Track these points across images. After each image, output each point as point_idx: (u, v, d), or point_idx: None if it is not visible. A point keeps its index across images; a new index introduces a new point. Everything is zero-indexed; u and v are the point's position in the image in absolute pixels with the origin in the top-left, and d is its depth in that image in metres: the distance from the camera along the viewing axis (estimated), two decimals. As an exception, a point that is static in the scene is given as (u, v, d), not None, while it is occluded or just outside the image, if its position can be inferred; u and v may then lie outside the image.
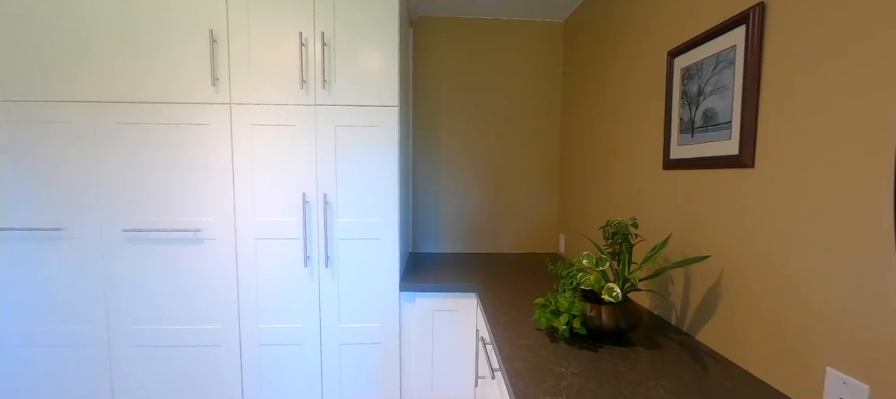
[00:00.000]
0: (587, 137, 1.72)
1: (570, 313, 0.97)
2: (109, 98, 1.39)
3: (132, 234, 1.44)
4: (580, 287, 1.03)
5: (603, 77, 1.57)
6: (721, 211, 0.93)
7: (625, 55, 1.40)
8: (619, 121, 1.43)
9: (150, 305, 1.48)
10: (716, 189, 0.95)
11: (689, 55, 1.04)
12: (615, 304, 0.98)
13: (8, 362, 1.48)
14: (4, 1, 1.36)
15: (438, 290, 1.52)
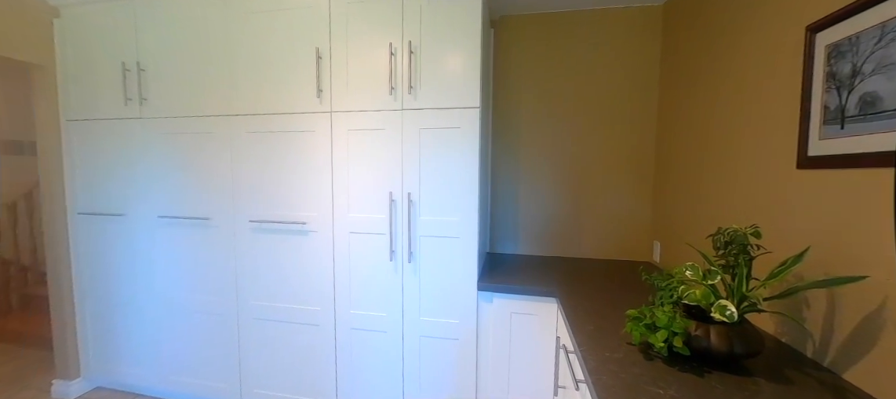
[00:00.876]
0: (692, 133, 1.52)
1: (671, 329, 0.87)
2: (242, 111, 1.69)
3: (256, 224, 1.71)
4: (682, 301, 0.92)
5: (714, 63, 1.37)
6: (885, 221, 0.74)
7: (744, 36, 1.20)
8: (735, 112, 1.23)
9: (267, 285, 1.74)
10: (878, 193, 0.76)
11: (837, 28, 0.85)
12: (729, 324, 0.85)
13: (172, 322, 1.89)
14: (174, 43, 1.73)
15: (517, 292, 1.50)
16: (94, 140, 1.89)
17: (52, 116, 1.89)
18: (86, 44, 1.85)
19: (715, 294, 0.89)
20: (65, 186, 1.94)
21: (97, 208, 1.92)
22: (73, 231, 1.97)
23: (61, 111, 1.91)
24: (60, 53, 1.88)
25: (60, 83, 1.90)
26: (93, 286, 1.98)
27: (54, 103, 1.90)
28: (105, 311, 1.98)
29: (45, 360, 2.42)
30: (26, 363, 2.40)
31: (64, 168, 1.94)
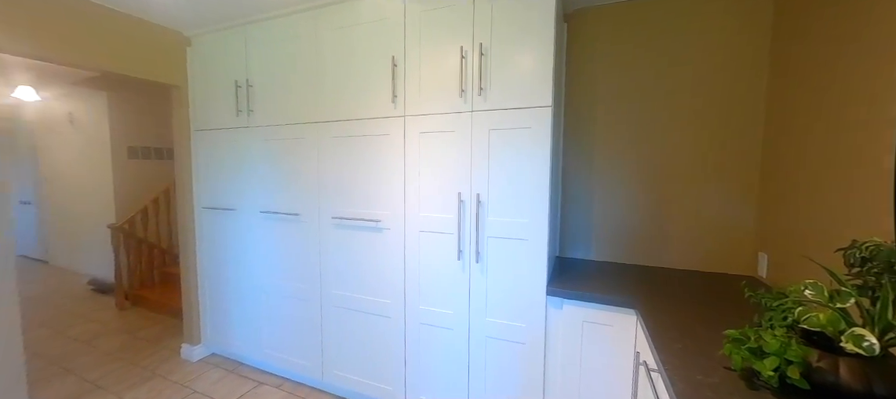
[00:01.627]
0: (815, 131, 1.28)
1: (784, 357, 0.75)
2: (327, 118, 1.87)
3: (337, 220, 1.88)
4: (799, 325, 0.78)
5: (850, 45, 1.13)
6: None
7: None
8: (879, 107, 1.01)
9: (346, 277, 1.91)
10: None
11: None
12: (866, 358, 0.70)
13: (268, 304, 2.17)
14: (274, 61, 1.99)
15: (591, 300, 1.42)
16: (213, 146, 2.26)
17: (184, 128, 2.31)
18: (209, 66, 2.22)
19: (846, 320, 0.74)
20: (193, 185, 2.35)
21: (215, 203, 2.29)
22: (198, 222, 2.37)
23: (191, 123, 2.32)
24: (191, 75, 2.28)
25: (191, 100, 2.30)
26: (211, 269, 2.37)
27: (186, 117, 2.31)
28: (219, 290, 2.36)
29: (177, 326, 2.96)
30: (164, 327, 2.96)
31: (192, 170, 2.35)
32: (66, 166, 4.36)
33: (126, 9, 1.94)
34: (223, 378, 2.24)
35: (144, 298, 3.37)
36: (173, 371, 2.32)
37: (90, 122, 3.98)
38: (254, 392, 2.11)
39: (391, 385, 1.84)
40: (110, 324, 3.05)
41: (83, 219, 4.23)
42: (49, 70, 3.16)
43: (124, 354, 2.54)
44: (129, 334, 2.86)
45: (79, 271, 4.40)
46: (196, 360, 2.43)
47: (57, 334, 2.86)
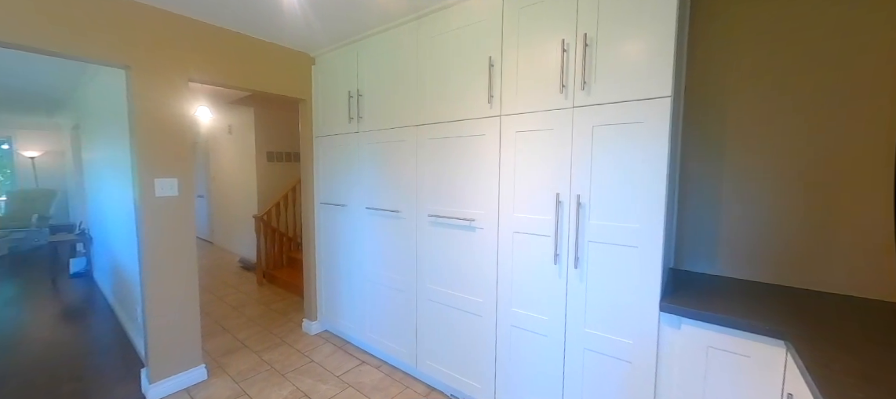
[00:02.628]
0: None
1: None
2: (426, 121, 1.97)
3: (433, 218, 1.97)
4: None
5: None
6: None
7: None
8: None
9: (440, 272, 1.99)
10: None
11: None
12: None
13: (371, 291, 2.39)
14: (380, 70, 2.19)
15: (720, 323, 1.20)
16: (330, 150, 2.59)
17: (308, 134, 2.70)
18: (328, 80, 2.55)
19: None
20: (314, 183, 2.73)
21: (330, 200, 2.63)
22: (317, 215, 2.75)
23: (314, 130, 2.70)
24: (315, 89, 2.66)
25: (314, 111, 2.68)
26: (326, 256, 2.72)
27: (310, 125, 2.70)
28: (332, 276, 2.69)
29: (299, 303, 3.48)
30: (290, 303, 3.52)
31: (313, 170, 2.73)
32: (225, 168, 5.51)
33: (268, 38, 2.36)
34: (333, 353, 2.55)
35: (276, 277, 4.05)
36: (297, 341, 2.73)
37: (242, 132, 4.96)
38: (358, 369, 2.35)
39: (480, 383, 1.85)
40: (252, 295, 3.75)
41: (235, 210, 5.30)
42: (217, 92, 4.04)
43: (262, 322, 3.09)
44: (265, 306, 3.46)
45: (232, 251, 5.53)
46: (313, 334, 2.82)
47: (217, 299, 3.63)
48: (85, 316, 3.24)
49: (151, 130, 1.93)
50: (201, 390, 2.12)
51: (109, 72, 2.91)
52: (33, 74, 3.58)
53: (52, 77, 3.64)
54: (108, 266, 3.57)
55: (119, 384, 2.18)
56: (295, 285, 3.73)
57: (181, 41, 2.01)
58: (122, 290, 3.03)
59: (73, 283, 4.18)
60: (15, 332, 2.92)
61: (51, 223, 5.74)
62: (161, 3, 1.88)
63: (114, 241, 3.24)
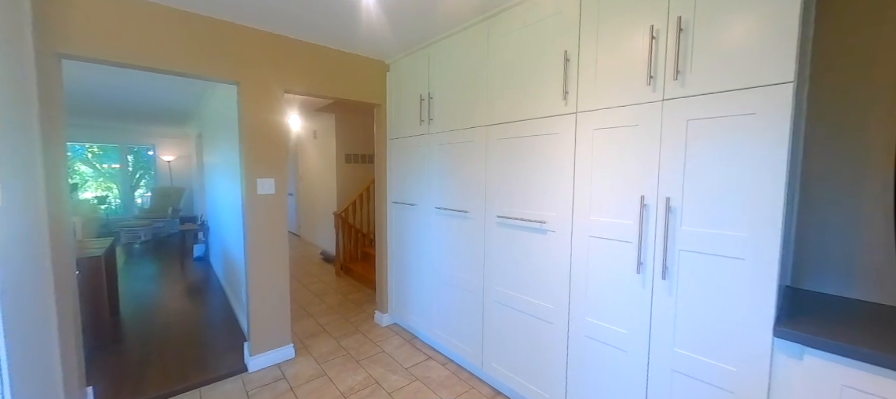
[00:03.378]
0: None
1: None
2: (495, 121, 1.95)
3: (502, 219, 1.94)
4: None
5: None
6: None
7: None
8: None
9: (508, 274, 1.95)
10: None
11: None
12: None
13: (439, 289, 2.44)
14: (450, 72, 2.22)
15: (865, 360, 0.97)
16: (402, 151, 2.71)
17: (383, 137, 2.86)
18: (401, 85, 2.68)
19: None
20: (387, 183, 2.89)
21: (401, 199, 2.75)
22: (389, 214, 2.90)
23: (388, 133, 2.85)
24: (389, 94, 2.81)
25: (388, 114, 2.83)
26: (397, 253, 2.85)
27: (384, 128, 2.85)
28: (402, 271, 2.81)
29: (372, 295, 3.71)
30: (364, 295, 3.77)
31: (386, 171, 2.88)
32: (310, 169, 6.12)
33: (349, 49, 2.55)
34: (402, 346, 2.67)
35: (352, 270, 4.38)
36: (370, 331, 2.91)
37: (325, 136, 5.46)
38: (425, 364, 2.42)
39: (549, 393, 1.77)
40: (331, 285, 4.10)
41: (318, 206, 5.85)
42: (306, 101, 4.50)
43: (339, 310, 3.36)
44: (343, 296, 3.76)
45: (315, 244, 6.12)
46: (384, 326, 2.98)
47: (302, 287, 4.04)
48: (203, 293, 3.87)
49: (255, 136, 2.23)
50: (290, 367, 2.38)
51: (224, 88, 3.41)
52: (170, 95, 4.39)
53: (184, 95, 4.42)
54: (220, 252, 4.21)
55: (228, 353, 2.55)
56: (368, 278, 3.98)
57: (279, 57, 2.28)
58: (230, 273, 3.55)
59: (195, 265, 5.02)
60: (157, 302, 3.60)
61: (180, 215, 6.97)
62: (263, 25, 2.15)
63: (225, 231, 3.82)
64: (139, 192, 8.12)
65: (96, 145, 7.61)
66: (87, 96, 4.41)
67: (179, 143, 8.02)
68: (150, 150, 8.04)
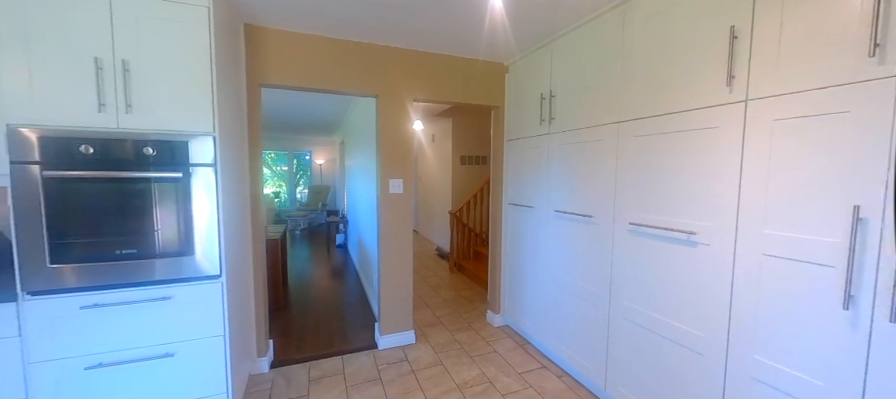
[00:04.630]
0: None
1: None
2: (630, 117, 1.74)
3: (635, 227, 1.73)
4: None
5: None
6: None
7: None
8: None
9: (640, 289, 1.72)
10: None
11: None
12: None
13: (555, 296, 2.32)
14: (577, 67, 2.08)
15: None
16: (519, 153, 2.67)
17: (500, 138, 2.88)
18: (520, 86, 2.64)
19: None
20: (503, 184, 2.89)
21: (518, 201, 2.71)
22: (505, 215, 2.90)
23: (505, 134, 2.85)
24: (507, 96, 2.80)
25: (506, 116, 2.83)
26: (512, 254, 2.83)
27: (502, 130, 2.86)
28: (516, 273, 2.78)
29: (484, 294, 3.77)
30: (476, 292, 3.87)
31: (503, 172, 2.89)
32: (428, 170, 6.60)
33: (470, 55, 2.64)
34: (514, 349, 2.63)
35: (464, 267, 4.54)
36: (482, 329, 2.97)
37: (442, 139, 5.81)
38: (538, 373, 2.34)
39: (696, 437, 1.49)
40: (446, 280, 4.34)
41: (434, 205, 6.26)
42: (426, 108, 4.86)
43: (453, 305, 3.53)
44: (456, 291, 3.93)
45: (431, 240, 6.57)
46: (496, 326, 3.00)
47: (421, 279, 4.38)
48: (342, 275, 4.57)
49: (389, 142, 2.51)
50: (411, 351, 2.61)
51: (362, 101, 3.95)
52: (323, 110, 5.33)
53: (332, 110, 5.30)
54: (356, 241, 4.91)
55: (362, 330, 2.95)
56: (480, 277, 4.07)
57: (409, 69, 2.52)
58: (363, 260, 4.10)
59: (337, 251, 5.97)
60: (310, 279, 4.42)
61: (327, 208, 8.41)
62: (399, 42, 2.41)
63: (360, 224, 4.43)
64: (299, 189, 10.12)
65: (273, 152, 9.80)
66: (270, 114, 5.71)
67: (327, 148, 9.68)
68: (306, 155, 9.94)
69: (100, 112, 1.43)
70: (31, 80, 1.36)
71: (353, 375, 2.30)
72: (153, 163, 1.52)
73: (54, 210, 1.41)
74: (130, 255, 1.52)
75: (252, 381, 2.23)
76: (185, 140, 1.55)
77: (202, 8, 1.54)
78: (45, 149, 1.39)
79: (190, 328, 1.62)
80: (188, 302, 1.61)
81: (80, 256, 1.45)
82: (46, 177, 1.39)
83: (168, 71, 1.51)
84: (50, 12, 1.36)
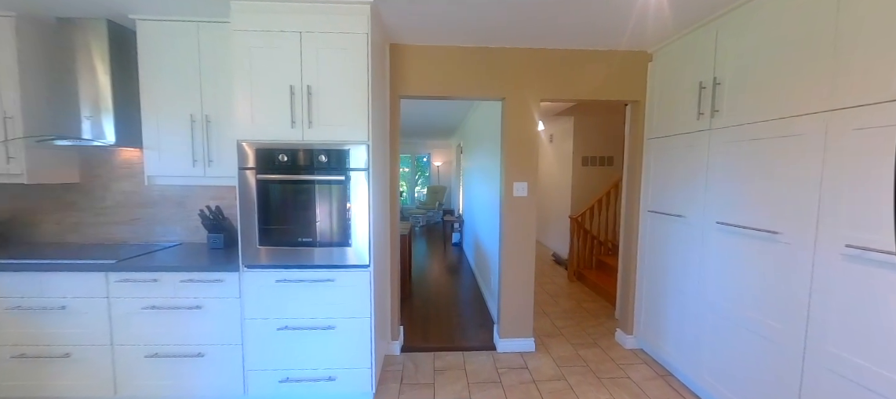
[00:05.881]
0: None
1: None
2: (847, 103, 1.30)
3: (857, 252, 1.28)
4: None
5: None
6: None
7: None
8: None
9: (861, 336, 1.27)
10: None
11: None
12: None
13: (714, 326, 1.92)
14: (759, 47, 1.67)
15: None
16: (664, 152, 2.31)
17: (638, 137, 2.54)
18: (669, 75, 2.27)
19: None
20: (641, 189, 2.55)
21: (661, 208, 2.35)
22: (642, 224, 2.55)
23: (646, 132, 2.50)
24: (650, 88, 2.45)
25: (647, 111, 2.48)
26: (651, 269, 2.47)
27: (640, 127, 2.52)
28: (657, 292, 2.41)
29: (609, 309, 3.42)
30: (600, 306, 3.53)
31: (641, 175, 2.54)
32: (545, 172, 6.33)
33: (605, 46, 2.40)
34: (653, 379, 2.28)
35: (585, 277, 4.20)
36: (610, 348, 2.68)
37: (561, 140, 5.50)
38: (687, 413, 1.97)
39: None
40: (564, 288, 4.08)
41: (552, 209, 5.98)
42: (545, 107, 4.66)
43: (574, 317, 3.29)
44: (576, 302, 3.66)
45: (546, 245, 6.30)
46: (627, 348, 2.67)
47: (537, 285, 4.20)
48: (458, 272, 4.76)
49: (514, 144, 2.49)
50: (531, 359, 2.53)
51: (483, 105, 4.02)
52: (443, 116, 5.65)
53: (452, 115, 5.58)
54: (471, 241, 5.05)
55: (480, 329, 3.00)
56: (604, 289, 3.69)
57: (537, 70, 2.44)
58: (480, 260, 4.18)
59: (452, 249, 6.27)
60: (429, 272, 4.75)
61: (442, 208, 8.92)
62: (527, 43, 2.35)
63: (477, 225, 4.54)
64: (417, 189, 11.02)
65: (398, 155, 10.94)
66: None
67: (444, 151, 10.27)
68: (424, 157, 10.75)
69: (292, 128, 1.81)
70: (252, 106, 1.80)
71: (473, 373, 2.35)
72: (325, 168, 1.84)
73: (263, 204, 1.84)
74: (307, 242, 1.87)
75: (387, 360, 2.51)
76: (347, 148, 1.83)
77: (363, 35, 1.79)
78: (258, 158, 1.82)
79: (346, 307, 1.91)
80: (345, 286, 1.89)
81: (276, 241, 1.86)
82: (259, 179, 1.83)
83: (337, 91, 1.81)
84: (264, 56, 1.78)
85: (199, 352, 1.91)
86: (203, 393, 1.94)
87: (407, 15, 1.96)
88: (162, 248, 2.21)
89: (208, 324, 1.90)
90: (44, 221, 2.36)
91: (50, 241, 2.36)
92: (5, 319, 1.85)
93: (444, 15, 1.96)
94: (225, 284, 1.88)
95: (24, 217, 2.35)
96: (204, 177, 2.06)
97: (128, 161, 2.34)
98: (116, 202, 2.37)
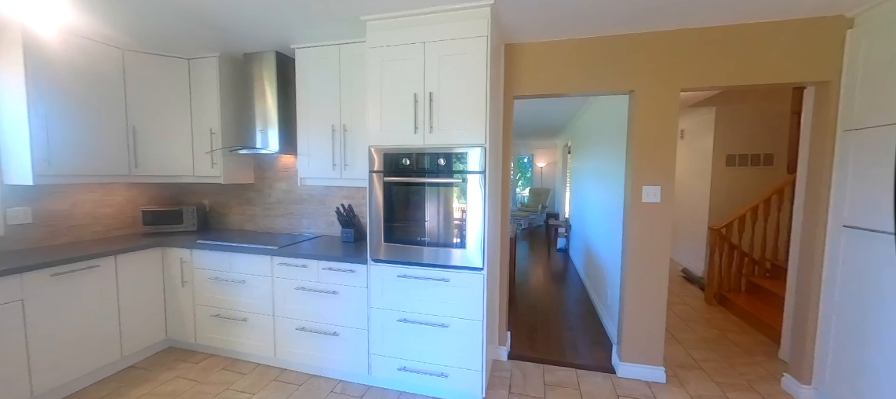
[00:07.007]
0: None
1: None
2: None
3: None
4: None
5: None
6: None
7: None
8: None
9: None
10: None
11: None
12: None
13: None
14: None
15: None
16: (871, 150, 1.71)
17: (827, 129, 1.95)
18: (883, 43, 1.68)
19: None
20: (830, 196, 1.95)
21: (865, 223, 1.75)
22: (831, 242, 1.95)
23: (839, 122, 1.91)
24: (849, 63, 1.86)
25: (842, 94, 1.89)
26: (845, 303, 1.87)
27: (830, 116, 1.93)
28: (854, 333, 1.81)
29: (769, 346, 2.73)
30: (755, 341, 2.85)
31: (830, 178, 1.94)
32: (672, 173, 5.46)
33: (776, 16, 1.90)
34: (848, 450, 1.72)
35: (729, 301, 3.45)
36: (774, 397, 2.13)
37: (696, 135, 4.66)
38: None
39: None
40: (699, 312, 3.43)
41: (682, 218, 5.11)
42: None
43: (717, 349, 2.72)
44: (718, 331, 3.03)
45: (674, 259, 5.43)
46: (801, 401, 2.08)
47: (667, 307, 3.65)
48: (564, 280, 4.45)
49: (644, 142, 2.18)
50: (662, 392, 2.17)
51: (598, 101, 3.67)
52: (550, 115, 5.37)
53: (561, 113, 5.26)
54: (581, 248, 4.67)
55: (594, 347, 2.73)
56: (758, 319, 2.97)
57: (674, 55, 2.09)
58: (592, 270, 3.83)
59: (557, 254, 5.92)
60: (532, 277, 4.56)
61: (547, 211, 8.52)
62: (656, 25, 2.03)
63: (588, 231, 4.16)
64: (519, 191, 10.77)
65: (499, 157, 10.89)
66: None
67: (549, 152, 9.81)
68: (525, 158, 10.44)
69: (414, 133, 1.92)
70: (381, 115, 1.98)
71: (589, 395, 2.14)
72: (443, 171, 1.90)
73: (388, 204, 2.01)
74: (424, 241, 1.97)
75: (494, 365, 2.48)
76: (465, 151, 1.86)
77: (482, 38, 1.79)
78: (384, 161, 1.99)
79: (458, 307, 1.94)
80: (459, 286, 1.93)
81: (399, 238, 2.01)
82: (386, 181, 1.99)
83: (456, 96, 1.85)
84: (393, 68, 1.94)
85: (335, 331, 2.19)
86: (337, 367, 2.22)
87: (527, 7, 1.87)
88: (306, 238, 2.62)
89: (342, 308, 2.16)
90: (231, 212, 3.04)
91: (235, 228, 3.04)
92: (209, 286, 2.43)
93: (567, 2, 1.81)
94: (356, 275, 2.11)
95: (220, 208, 3.07)
96: (340, 178, 2.36)
97: (285, 165, 2.85)
98: (277, 199, 2.90)
